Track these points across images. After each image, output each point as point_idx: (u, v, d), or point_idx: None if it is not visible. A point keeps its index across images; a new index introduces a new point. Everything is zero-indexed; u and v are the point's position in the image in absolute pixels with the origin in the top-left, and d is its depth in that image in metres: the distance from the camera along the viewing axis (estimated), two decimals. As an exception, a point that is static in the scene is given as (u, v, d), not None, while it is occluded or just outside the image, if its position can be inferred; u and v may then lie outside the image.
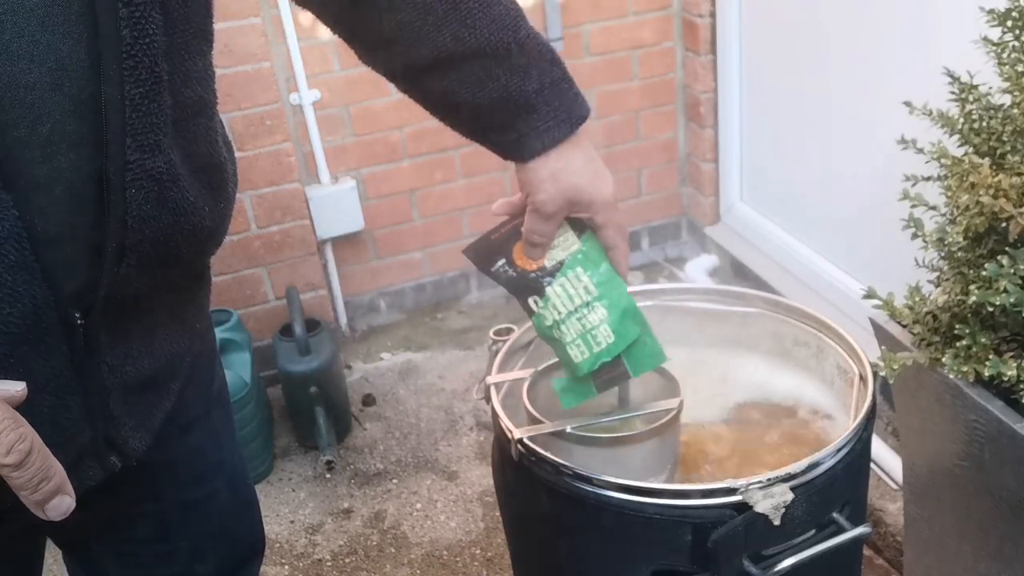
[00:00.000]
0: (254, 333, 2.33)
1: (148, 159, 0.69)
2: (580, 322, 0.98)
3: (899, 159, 1.10)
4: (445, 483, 2.11)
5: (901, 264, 1.14)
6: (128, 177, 0.68)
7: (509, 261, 1.00)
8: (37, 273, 0.66)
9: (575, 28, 2.51)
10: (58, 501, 0.64)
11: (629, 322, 0.99)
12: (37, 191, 0.66)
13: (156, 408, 0.86)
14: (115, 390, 0.78)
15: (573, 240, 0.99)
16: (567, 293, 0.98)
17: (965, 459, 1.08)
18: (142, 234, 0.71)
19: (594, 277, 0.99)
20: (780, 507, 0.90)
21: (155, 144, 0.70)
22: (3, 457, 0.60)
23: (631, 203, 2.81)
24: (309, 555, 1.96)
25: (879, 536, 1.75)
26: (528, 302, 1.00)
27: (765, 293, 1.26)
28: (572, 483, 0.96)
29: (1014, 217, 0.92)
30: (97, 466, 0.80)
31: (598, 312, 0.98)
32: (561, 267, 0.98)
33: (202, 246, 0.82)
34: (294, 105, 2.36)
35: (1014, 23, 1.03)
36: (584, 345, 0.99)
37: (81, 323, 0.72)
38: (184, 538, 1.03)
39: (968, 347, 0.98)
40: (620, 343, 0.98)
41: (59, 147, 0.66)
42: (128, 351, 0.78)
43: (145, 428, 0.84)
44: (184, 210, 0.75)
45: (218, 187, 0.82)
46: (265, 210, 2.31)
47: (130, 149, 0.68)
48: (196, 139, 0.78)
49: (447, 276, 2.74)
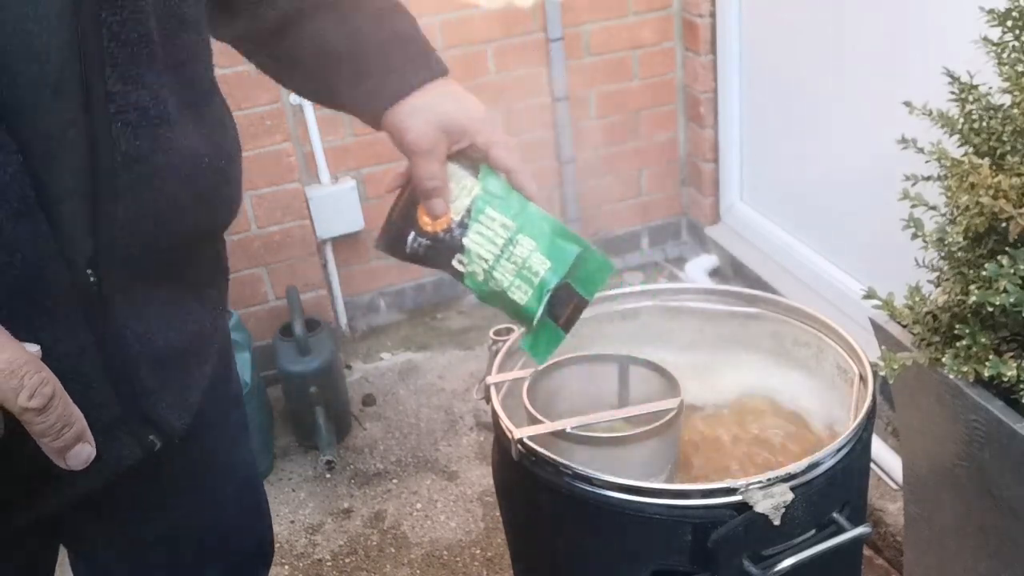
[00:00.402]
0: (254, 333, 2.33)
1: (132, 91, 0.68)
2: (510, 261, 0.92)
3: (899, 159, 1.10)
4: (445, 483, 2.11)
5: (901, 264, 1.14)
6: (112, 109, 0.67)
7: (418, 231, 0.94)
8: (43, 222, 0.65)
9: (575, 28, 2.51)
10: (79, 449, 0.63)
11: (560, 241, 0.92)
12: (47, 140, 0.65)
13: (191, 386, 0.85)
14: (144, 362, 0.77)
15: (471, 183, 0.92)
16: (485, 237, 0.92)
17: (965, 459, 1.08)
18: (132, 173, 0.70)
19: (506, 211, 0.92)
20: (780, 507, 0.90)
21: (138, 77, 0.69)
22: (26, 401, 0.58)
23: (631, 203, 2.81)
24: (309, 555, 1.96)
25: (879, 536, 1.75)
26: (453, 265, 0.94)
27: (765, 293, 1.26)
28: (572, 483, 0.96)
29: (1014, 217, 0.92)
30: (135, 443, 0.79)
31: (524, 244, 0.92)
32: (470, 215, 0.92)
33: (208, 205, 0.80)
34: (294, 105, 2.36)
35: (1014, 23, 1.03)
36: (524, 283, 0.92)
37: (94, 282, 0.71)
38: (193, 541, 1.02)
39: (968, 347, 0.98)
40: (559, 266, 0.92)
41: (60, 91, 0.65)
42: (151, 321, 0.77)
43: (182, 406, 0.83)
44: (179, 153, 0.74)
45: (218, 142, 0.81)
46: (265, 210, 2.31)
47: (110, 80, 0.67)
48: (193, 85, 0.77)
49: (447, 276, 2.73)
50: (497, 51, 2.49)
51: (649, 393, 1.12)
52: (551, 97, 2.57)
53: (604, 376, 1.18)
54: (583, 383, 1.19)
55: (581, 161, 2.68)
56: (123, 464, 0.79)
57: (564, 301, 0.93)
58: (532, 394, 1.09)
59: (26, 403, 0.58)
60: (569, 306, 0.94)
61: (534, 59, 2.52)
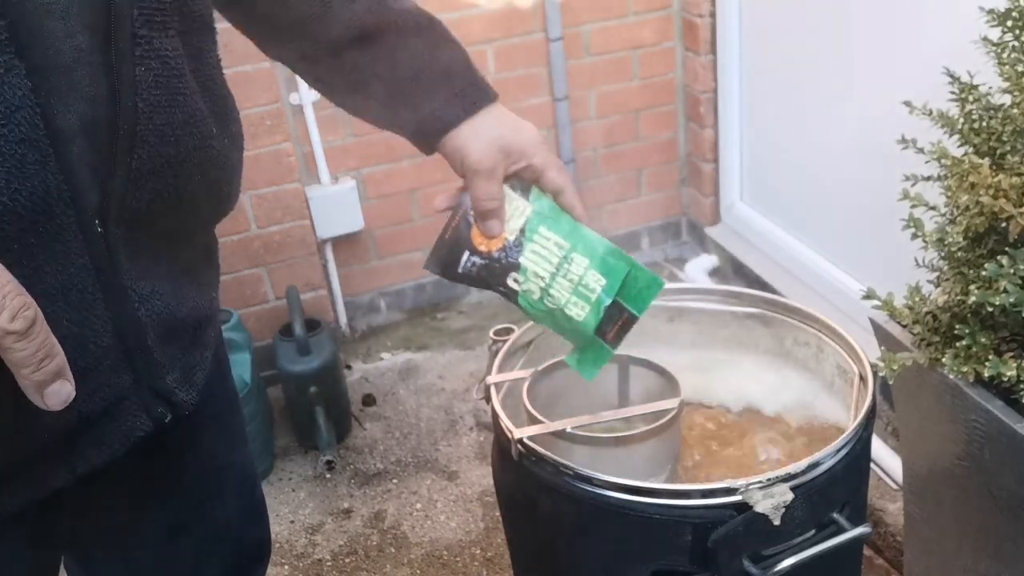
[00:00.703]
0: (254, 333, 2.33)
1: (157, 38, 0.69)
2: (566, 278, 0.95)
3: (899, 159, 1.10)
4: (445, 483, 2.11)
5: (901, 264, 1.14)
6: (137, 52, 0.68)
7: (472, 250, 0.96)
8: (52, 161, 0.65)
9: (575, 28, 2.51)
10: (59, 386, 0.60)
11: (612, 259, 0.96)
12: (59, 71, 0.65)
13: (194, 366, 0.86)
14: (151, 327, 0.77)
15: (523, 204, 0.95)
16: (541, 256, 0.95)
17: (965, 459, 1.08)
18: (152, 123, 0.70)
19: (559, 231, 0.95)
20: (780, 507, 0.90)
21: (163, 24, 0.69)
22: (8, 322, 0.55)
23: (631, 203, 2.81)
24: (309, 555, 1.96)
25: (879, 536, 1.75)
26: (508, 283, 0.96)
27: (765, 293, 1.26)
28: (572, 483, 0.96)
29: (1014, 217, 0.92)
30: (145, 415, 0.79)
31: (579, 262, 0.95)
32: (524, 234, 0.95)
33: (212, 177, 0.80)
34: (294, 105, 2.36)
35: (1014, 23, 1.03)
36: (580, 299, 0.96)
37: (100, 232, 0.70)
38: (191, 538, 1.02)
39: (968, 347, 0.98)
40: (613, 282, 0.95)
41: (78, 24, 0.65)
42: (154, 286, 0.77)
43: (189, 383, 0.84)
44: (192, 115, 0.74)
45: (223, 117, 0.82)
46: (265, 210, 2.31)
47: (138, 23, 0.67)
48: (200, 56, 0.78)
49: (447, 276, 2.73)
50: (497, 51, 2.49)
51: (649, 393, 1.12)
52: (551, 97, 2.57)
53: (604, 376, 1.18)
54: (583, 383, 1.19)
55: (581, 161, 2.68)
56: (133, 435, 0.79)
57: (612, 318, 0.97)
58: (532, 394, 1.09)
59: (8, 324, 0.55)
60: (618, 323, 0.97)
61: (534, 59, 2.52)
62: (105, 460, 0.79)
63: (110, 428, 0.77)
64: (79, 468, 0.78)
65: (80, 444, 0.76)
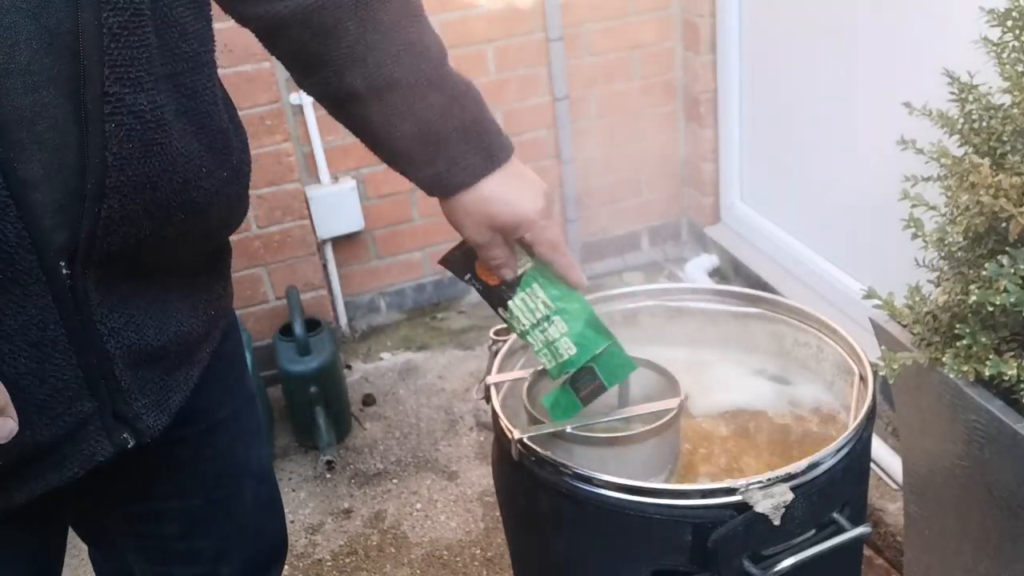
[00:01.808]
0: (254, 333, 2.33)
1: (129, 94, 0.68)
2: (543, 334, 1.01)
3: (899, 159, 1.10)
4: (445, 483, 2.11)
5: (901, 264, 1.14)
6: (107, 110, 0.67)
7: (474, 275, 1.02)
8: (12, 210, 0.65)
9: (575, 28, 2.51)
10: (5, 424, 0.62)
11: (591, 333, 1.01)
12: (20, 125, 0.65)
13: (172, 390, 0.85)
14: (119, 358, 0.77)
15: (525, 258, 1.00)
16: (527, 307, 1.01)
17: (965, 459, 1.08)
18: (124, 175, 0.70)
19: (550, 292, 1.00)
20: (780, 507, 0.90)
21: (136, 80, 0.69)
22: None
23: (631, 203, 2.81)
24: (309, 555, 1.96)
25: (879, 536, 1.75)
26: (498, 311, 1.03)
27: (765, 293, 1.26)
28: (572, 483, 0.96)
29: (1014, 217, 0.92)
30: (106, 440, 0.79)
31: (558, 326, 1.00)
32: (519, 282, 1.00)
33: (201, 214, 0.80)
34: (294, 105, 2.36)
35: (1014, 23, 1.03)
36: (550, 355, 1.02)
37: (67, 273, 0.70)
38: (209, 537, 1.03)
39: (968, 347, 0.98)
40: (583, 354, 1.00)
41: (40, 79, 0.65)
42: (129, 318, 0.77)
43: (160, 408, 0.83)
44: (174, 161, 0.73)
45: (220, 153, 0.81)
46: (265, 210, 2.31)
47: (108, 80, 0.67)
48: (195, 95, 0.77)
49: (447, 276, 2.73)
50: (497, 51, 2.49)
51: (649, 393, 1.12)
52: (551, 97, 2.57)
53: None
54: (583, 383, 1.19)
55: (581, 161, 2.68)
56: (93, 460, 0.79)
57: (587, 380, 1.02)
58: (532, 394, 1.09)
59: None
60: (591, 386, 1.03)
61: (534, 59, 2.52)
62: (65, 482, 0.78)
63: (69, 452, 0.77)
64: (36, 489, 0.77)
65: (38, 467, 0.76)
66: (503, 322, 1.04)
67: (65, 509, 0.92)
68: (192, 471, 0.98)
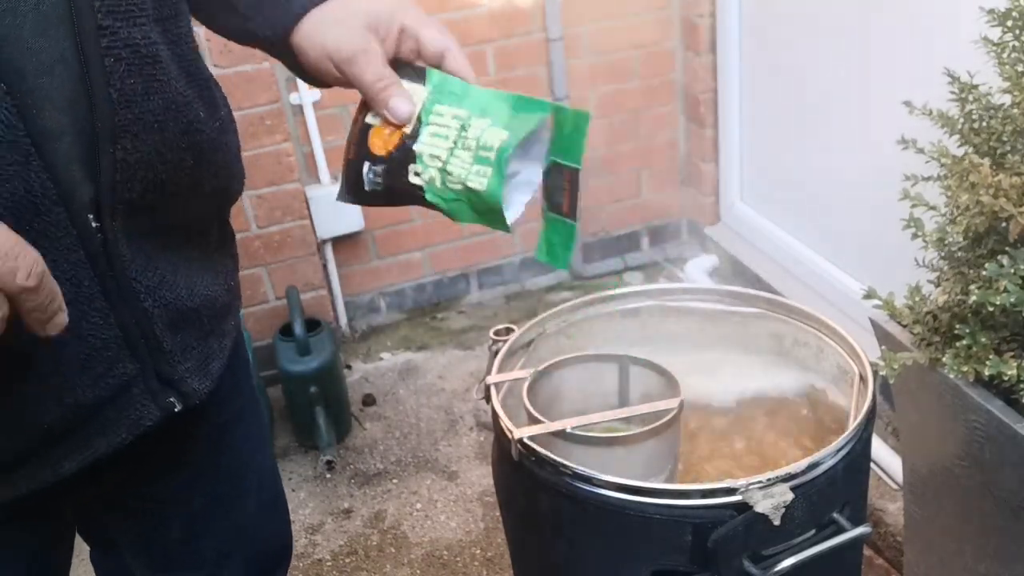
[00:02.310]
0: (254, 333, 2.33)
1: (123, 27, 0.68)
2: (464, 148, 0.80)
3: (899, 159, 1.10)
4: (445, 483, 2.11)
5: (901, 264, 1.14)
6: (103, 43, 0.67)
7: (372, 159, 0.83)
8: (35, 160, 0.65)
9: (575, 28, 2.51)
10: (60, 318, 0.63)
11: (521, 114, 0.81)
12: (38, 71, 0.65)
13: (211, 355, 0.85)
14: (158, 317, 0.77)
15: (420, 90, 0.82)
16: (438, 135, 0.81)
17: (965, 459, 1.08)
18: (131, 112, 0.70)
19: (459, 103, 0.82)
20: (780, 507, 0.90)
21: (128, 14, 0.69)
22: (24, 280, 0.58)
23: (631, 203, 2.81)
24: (309, 555, 1.96)
25: (879, 536, 1.75)
26: (410, 179, 0.82)
27: (765, 293, 1.26)
28: (572, 483, 0.96)
29: (1014, 217, 0.92)
30: (152, 405, 0.79)
31: (477, 125, 0.80)
32: (420, 122, 0.82)
33: (208, 163, 0.80)
34: (294, 105, 2.36)
35: (1014, 23, 1.03)
36: (480, 164, 0.79)
37: (96, 226, 0.71)
38: (210, 538, 1.03)
39: (968, 347, 0.98)
40: (518, 131, 0.79)
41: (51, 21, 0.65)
42: (162, 277, 0.77)
43: (203, 372, 0.83)
44: (175, 101, 0.74)
45: (210, 103, 0.81)
46: (265, 210, 2.31)
47: (100, 13, 0.67)
48: (179, 42, 0.76)
49: (447, 276, 2.74)
50: (497, 51, 2.49)
51: (649, 393, 1.12)
52: (551, 97, 2.57)
53: (604, 376, 1.18)
54: (583, 383, 1.19)
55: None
56: (140, 425, 0.79)
57: (558, 186, 0.83)
58: (532, 394, 1.09)
59: (24, 282, 0.58)
60: (565, 188, 0.84)
61: (534, 59, 2.52)
62: (112, 448, 0.79)
63: (115, 417, 0.78)
64: (86, 457, 0.78)
65: (84, 432, 0.77)
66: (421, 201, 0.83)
67: (65, 505, 0.92)
68: (195, 470, 0.98)
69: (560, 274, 2.81)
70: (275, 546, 1.13)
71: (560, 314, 1.25)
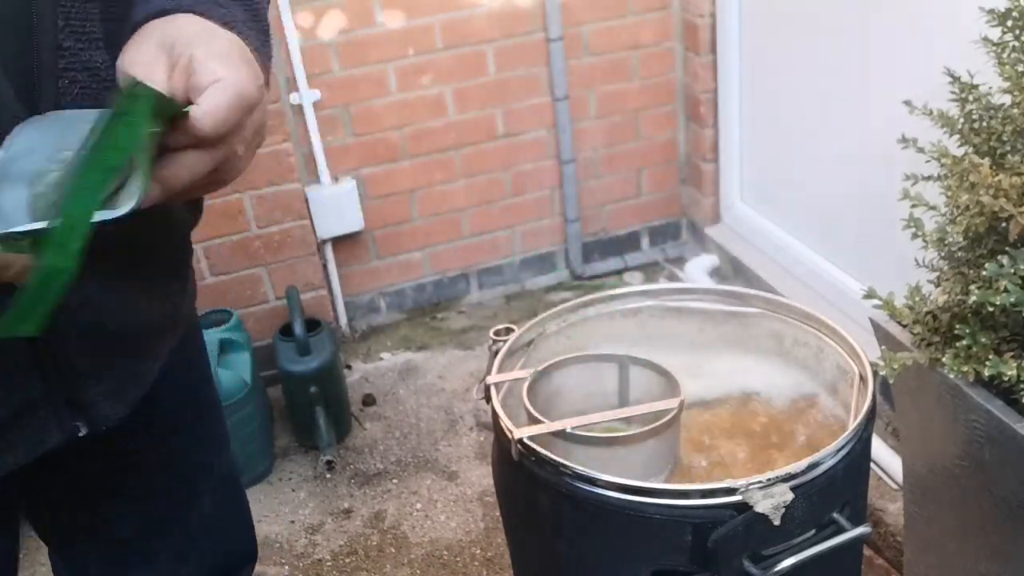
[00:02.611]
0: (254, 333, 2.33)
1: (84, 49, 0.66)
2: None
3: (899, 159, 1.10)
4: (445, 483, 2.11)
5: (901, 264, 1.14)
6: (61, 64, 0.65)
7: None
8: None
9: (575, 28, 2.51)
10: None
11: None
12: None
13: (131, 380, 0.82)
14: (75, 338, 0.74)
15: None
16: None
17: (965, 459, 1.08)
18: None
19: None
20: (780, 507, 0.90)
21: (90, 35, 0.66)
22: None
23: (631, 203, 2.81)
24: (309, 555, 1.96)
25: (879, 536, 1.75)
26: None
27: (765, 293, 1.26)
28: (572, 483, 0.96)
29: (1014, 217, 0.92)
30: (55, 428, 0.76)
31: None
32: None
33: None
34: (294, 105, 2.36)
35: (1014, 23, 1.03)
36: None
37: None
38: (167, 540, 1.02)
39: (968, 347, 0.98)
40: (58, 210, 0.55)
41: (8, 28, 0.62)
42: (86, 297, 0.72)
43: (118, 398, 0.80)
44: None
45: None
46: (265, 210, 2.31)
47: (63, 33, 0.64)
48: None
49: (447, 276, 2.74)
50: (497, 51, 2.49)
51: (649, 393, 1.12)
52: (551, 97, 2.57)
53: (604, 376, 1.18)
54: (583, 383, 1.19)
55: (581, 161, 2.68)
56: (41, 447, 0.76)
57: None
58: (532, 394, 1.09)
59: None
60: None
61: (534, 59, 2.52)
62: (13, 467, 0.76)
63: (16, 436, 0.75)
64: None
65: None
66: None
67: (15, 508, 0.90)
68: (149, 475, 0.97)
69: (560, 274, 2.82)
70: (235, 550, 1.12)
71: (560, 314, 1.25)
